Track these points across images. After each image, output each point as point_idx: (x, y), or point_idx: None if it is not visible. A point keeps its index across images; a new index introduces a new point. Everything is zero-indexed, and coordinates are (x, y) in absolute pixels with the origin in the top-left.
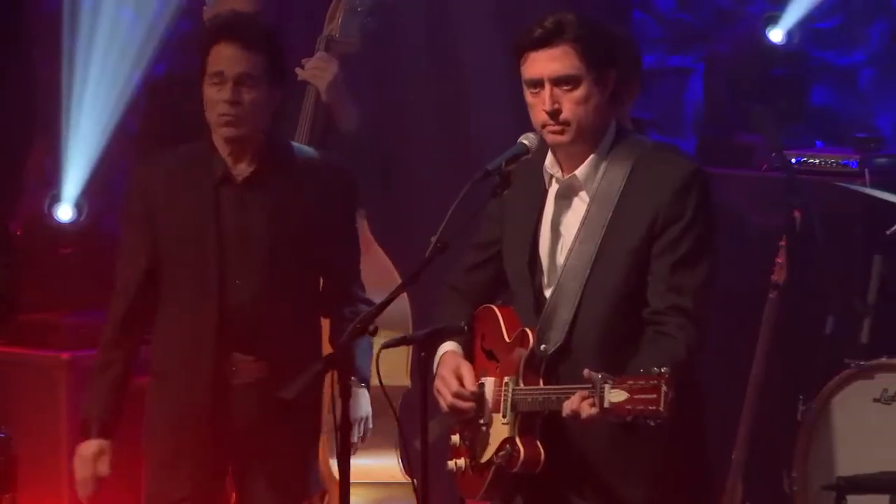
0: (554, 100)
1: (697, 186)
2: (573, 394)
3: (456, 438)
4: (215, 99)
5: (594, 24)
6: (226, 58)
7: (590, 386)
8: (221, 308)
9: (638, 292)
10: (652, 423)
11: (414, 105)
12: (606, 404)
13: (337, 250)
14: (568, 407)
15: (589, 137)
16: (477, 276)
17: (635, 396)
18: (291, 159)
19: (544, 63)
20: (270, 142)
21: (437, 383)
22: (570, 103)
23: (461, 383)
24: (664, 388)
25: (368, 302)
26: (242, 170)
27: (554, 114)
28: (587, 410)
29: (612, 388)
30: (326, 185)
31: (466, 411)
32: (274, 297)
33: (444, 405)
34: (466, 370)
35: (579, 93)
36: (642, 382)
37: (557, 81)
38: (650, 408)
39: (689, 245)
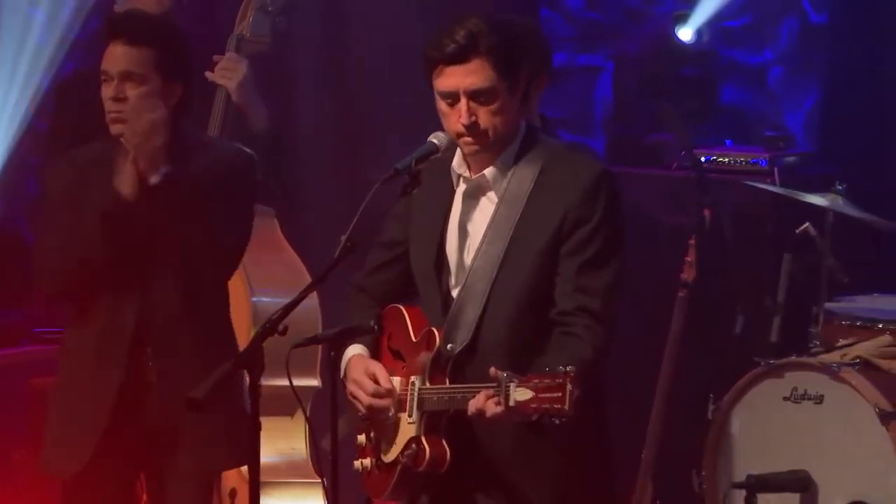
0: (471, 112)
1: (606, 188)
2: (479, 392)
3: (362, 438)
4: (104, 97)
5: (504, 29)
6: (111, 56)
7: (495, 384)
8: (141, 309)
9: (545, 293)
10: (557, 422)
11: (322, 104)
12: (512, 402)
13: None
14: (473, 405)
15: (502, 139)
16: (383, 276)
17: (540, 395)
18: (196, 150)
19: (460, 77)
20: (176, 135)
21: (351, 387)
22: (487, 115)
23: (376, 382)
24: (569, 387)
25: None
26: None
27: (472, 126)
28: (492, 409)
29: (518, 386)
30: (222, 170)
31: (386, 408)
32: (185, 296)
33: (361, 407)
34: (378, 369)
35: (496, 105)
36: (548, 381)
37: (474, 95)
38: (555, 406)
39: (598, 247)
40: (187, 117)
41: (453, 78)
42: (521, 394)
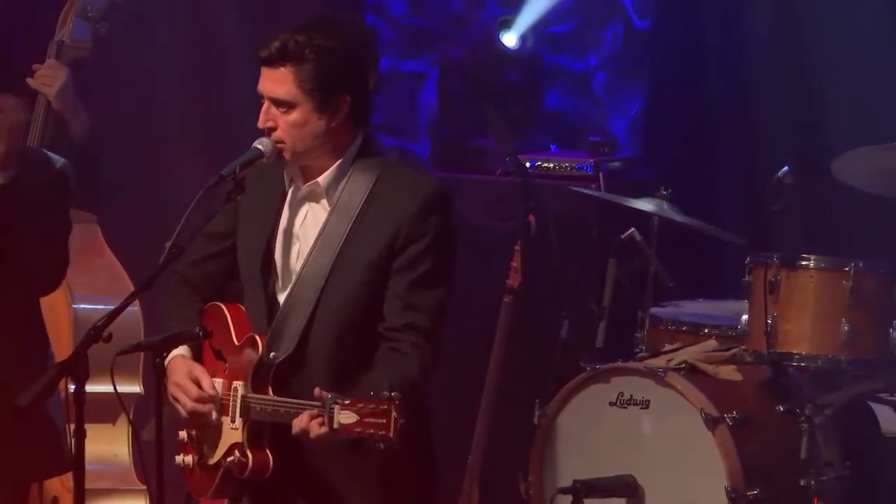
0: (268, 117)
1: (440, 205)
2: (303, 410)
3: (184, 434)
4: None
5: (330, 49)
6: None
7: (319, 405)
8: None
9: (373, 307)
10: (381, 447)
11: (145, 110)
12: (335, 425)
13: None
14: (297, 425)
15: (323, 152)
16: (208, 268)
17: (365, 420)
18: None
19: (266, 81)
20: None
21: (173, 390)
22: (285, 125)
23: (199, 387)
24: (394, 415)
25: None
26: None
27: (268, 131)
28: (316, 430)
29: (342, 409)
30: (37, 181)
31: (207, 414)
32: None
33: (183, 411)
34: (201, 373)
35: (292, 117)
36: (372, 406)
37: (274, 102)
38: (380, 433)
39: (429, 264)
40: None
41: (263, 80)
42: (345, 417)
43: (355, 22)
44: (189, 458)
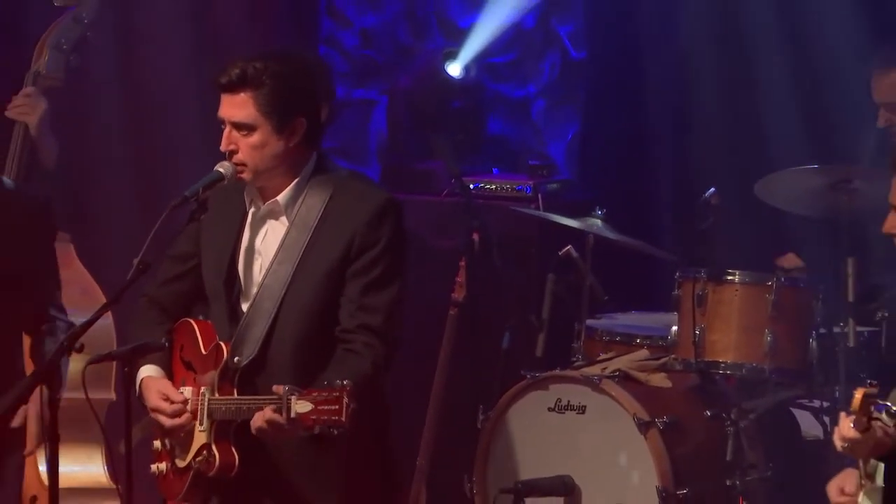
0: (230, 141)
1: (391, 214)
2: (264, 405)
3: (158, 444)
4: None
5: (285, 74)
6: None
7: (277, 398)
8: None
9: (331, 313)
10: (335, 432)
11: (117, 131)
12: (293, 414)
13: (34, 272)
14: (258, 417)
15: (280, 172)
16: (175, 288)
17: (319, 407)
18: None
19: (227, 107)
20: None
21: (153, 415)
22: (246, 147)
23: (170, 402)
24: (346, 400)
25: (65, 320)
26: None
27: (229, 154)
28: (274, 420)
29: (298, 399)
30: (21, 212)
31: (187, 423)
32: None
33: (168, 427)
34: (167, 388)
35: (254, 139)
36: (325, 394)
37: (235, 126)
38: (333, 418)
39: (382, 269)
40: None
41: (223, 106)
42: (301, 406)
43: (309, 55)
44: (163, 466)
